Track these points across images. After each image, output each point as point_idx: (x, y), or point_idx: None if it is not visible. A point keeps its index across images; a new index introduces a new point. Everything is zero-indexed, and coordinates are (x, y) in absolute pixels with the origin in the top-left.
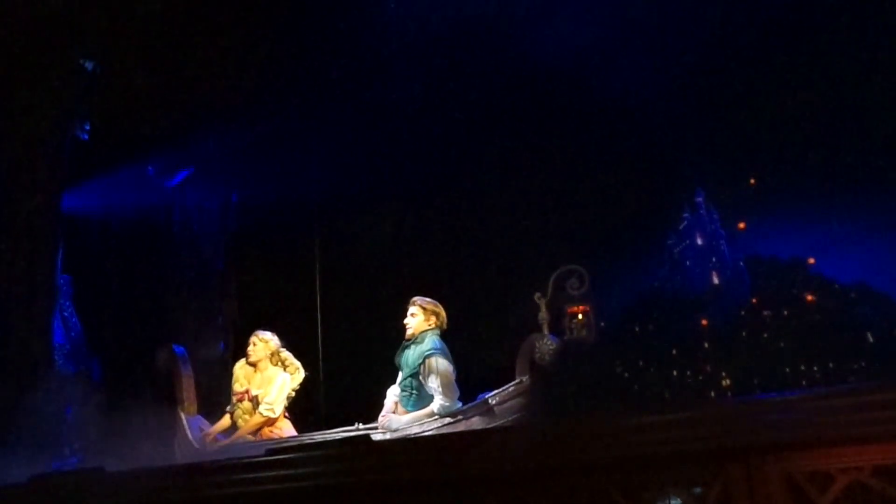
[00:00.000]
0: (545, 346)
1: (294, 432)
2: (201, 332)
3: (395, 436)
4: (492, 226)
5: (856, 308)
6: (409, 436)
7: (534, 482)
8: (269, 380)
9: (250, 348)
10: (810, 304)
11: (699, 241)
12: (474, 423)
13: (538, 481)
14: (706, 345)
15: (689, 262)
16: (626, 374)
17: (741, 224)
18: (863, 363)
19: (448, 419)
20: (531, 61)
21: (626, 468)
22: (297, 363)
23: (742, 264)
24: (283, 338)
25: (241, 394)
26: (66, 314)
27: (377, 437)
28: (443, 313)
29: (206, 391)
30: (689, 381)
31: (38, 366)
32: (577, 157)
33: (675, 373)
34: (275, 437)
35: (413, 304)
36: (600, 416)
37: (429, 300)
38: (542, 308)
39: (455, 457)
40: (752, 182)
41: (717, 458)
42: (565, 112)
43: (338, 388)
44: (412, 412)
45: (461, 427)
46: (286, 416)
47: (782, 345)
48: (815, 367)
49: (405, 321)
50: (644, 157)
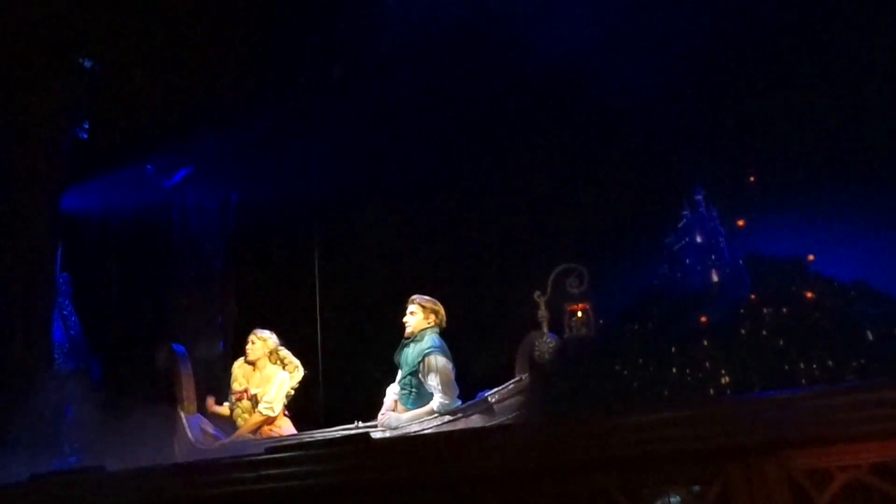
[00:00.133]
0: (544, 344)
1: (294, 431)
2: (201, 330)
3: (395, 434)
4: (491, 224)
5: (855, 306)
6: (409, 434)
7: (533, 480)
8: (268, 378)
9: (249, 347)
10: (810, 303)
11: (698, 239)
12: (474, 421)
13: (537, 479)
14: (705, 343)
15: (688, 261)
16: (626, 373)
17: (740, 222)
18: (862, 361)
19: (447, 417)
20: (530, 60)
21: (626, 466)
22: (296, 361)
23: (741, 262)
24: (282, 336)
25: (240, 392)
26: (66, 313)
27: (377, 435)
28: (442, 311)
29: (206, 390)
30: (689, 379)
31: (37, 364)
32: (576, 156)
33: (675, 371)
34: (274, 435)
35: (412, 303)
36: (600, 415)
37: (428, 298)
38: (542, 306)
39: (454, 455)
40: (751, 180)
41: (716, 457)
42: (564, 111)
43: (337, 387)
44: (412, 410)
45: (461, 425)
46: (286, 415)
47: (781, 343)
48: (815, 365)
49: (404, 319)
50: (643, 155)
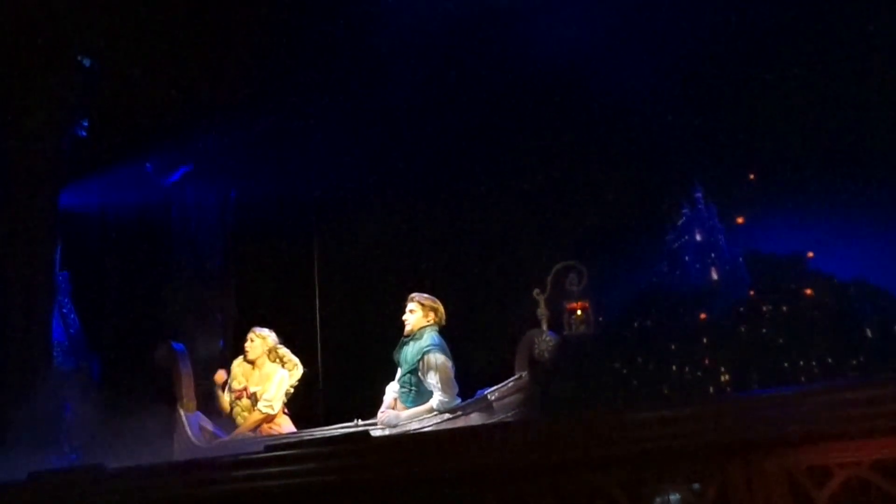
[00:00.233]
0: (544, 342)
1: (293, 429)
2: (200, 329)
3: (395, 432)
4: (491, 222)
5: (854, 304)
6: (409, 432)
7: (532, 478)
8: (267, 376)
9: (248, 345)
10: (809, 300)
11: (698, 237)
12: (473, 419)
13: (537, 477)
14: (705, 341)
15: (687, 258)
16: (625, 370)
17: (739, 219)
18: (861, 359)
19: (447, 415)
20: (530, 59)
21: (626, 464)
22: (296, 359)
23: (741, 260)
24: (281, 334)
25: (240, 391)
26: (65, 311)
27: (376, 433)
28: (441, 309)
29: (205, 388)
30: (688, 376)
31: (37, 363)
32: (575, 154)
33: (674, 369)
34: (274, 433)
35: (411, 301)
36: (599, 412)
37: (427, 296)
38: (541, 304)
39: (454, 453)
40: (750, 178)
41: (715, 454)
42: (564, 109)
43: (337, 385)
44: (411, 408)
45: (460, 423)
46: (285, 413)
47: (781, 340)
48: (814, 363)
49: (403, 317)
50: (642, 153)
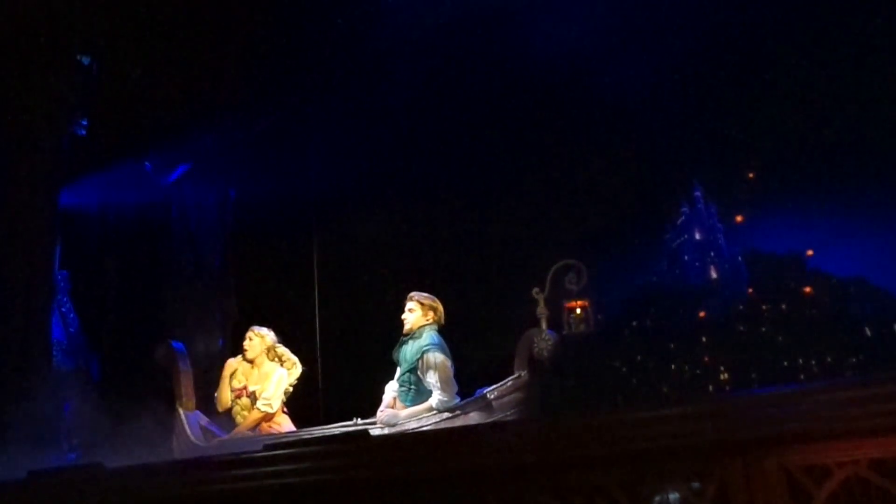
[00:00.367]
0: (543, 340)
1: (293, 428)
2: (199, 327)
3: (394, 431)
4: (490, 221)
5: (853, 303)
6: (408, 431)
7: (532, 477)
8: (266, 375)
9: (246, 343)
10: (808, 299)
11: (697, 236)
12: (472, 418)
13: (536, 476)
14: (704, 339)
15: (687, 257)
16: (625, 369)
17: (738, 217)
18: (860, 357)
19: (446, 414)
20: (529, 58)
21: (625, 463)
22: (294, 358)
23: (740, 259)
24: (280, 333)
25: (240, 389)
26: (65, 310)
27: (375, 432)
28: (440, 308)
29: (205, 387)
30: (687, 375)
31: (36, 362)
32: (575, 153)
33: (674, 367)
34: (273, 432)
35: (410, 300)
36: (598, 411)
37: (426, 295)
38: (541, 303)
39: (453, 452)
40: (750, 177)
41: (715, 453)
42: (563, 108)
43: (336, 384)
44: (410, 407)
45: (459, 422)
46: (284, 412)
47: (780, 339)
48: (813, 361)
49: (403, 316)
50: (642, 152)
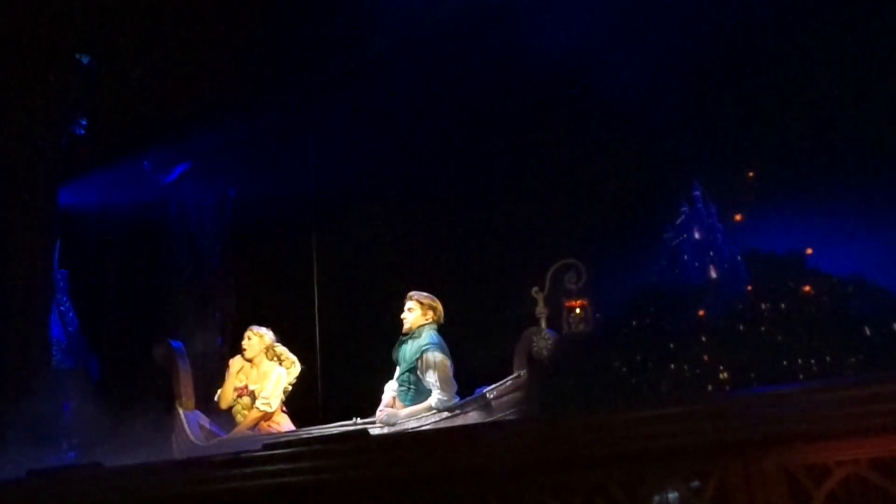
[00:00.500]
0: (543, 340)
1: (292, 427)
2: (199, 326)
3: (393, 430)
4: (489, 220)
5: (853, 301)
6: (407, 430)
7: (531, 476)
8: (264, 375)
9: (245, 343)
10: (807, 298)
11: (696, 235)
12: (472, 417)
13: (535, 475)
14: (704, 339)
15: (686, 257)
16: (624, 369)
17: (738, 216)
18: (860, 357)
19: (446, 414)
20: (528, 55)
21: (624, 462)
22: (293, 357)
23: (739, 258)
24: (280, 333)
25: (241, 389)
26: (64, 309)
27: (375, 431)
28: (440, 308)
29: (204, 386)
30: (687, 374)
31: (35, 361)
32: (574, 151)
33: (673, 367)
34: (273, 431)
35: (410, 299)
36: (598, 411)
37: (426, 294)
38: (540, 302)
39: (452, 451)
40: (750, 175)
41: (714, 452)
42: (562, 106)
43: (336, 383)
44: (410, 407)
45: (459, 421)
46: (284, 411)
47: (780, 338)
48: (813, 361)
49: (402, 316)
50: (641, 150)
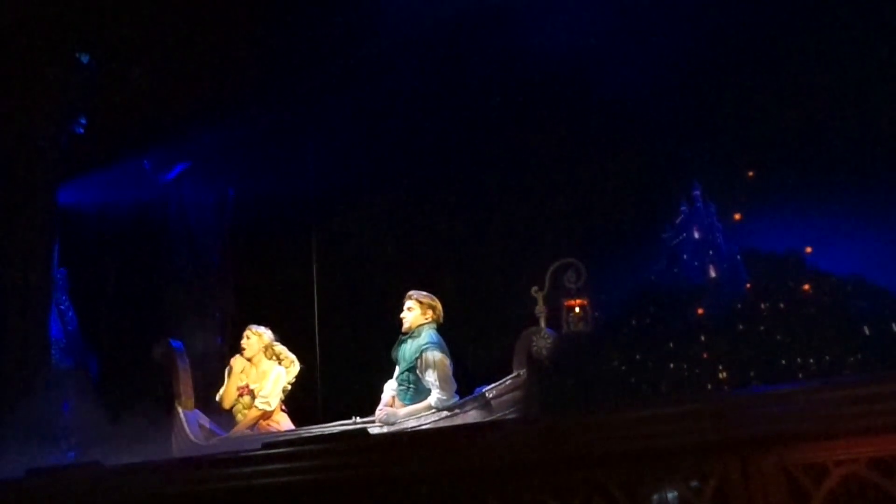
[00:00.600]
0: (542, 339)
1: (292, 426)
2: (198, 326)
3: (392, 430)
4: (489, 220)
5: (852, 301)
6: (407, 430)
7: (530, 476)
8: (264, 374)
9: (244, 342)
10: (807, 297)
11: (696, 235)
12: (471, 416)
13: (535, 475)
14: (703, 338)
15: (685, 256)
16: (624, 368)
17: (737, 215)
18: (859, 356)
19: (445, 413)
20: (528, 56)
21: (623, 461)
22: (292, 356)
23: (739, 257)
24: (280, 332)
25: (242, 388)
26: (63, 308)
27: (374, 430)
28: (439, 307)
29: (204, 385)
30: (686, 374)
31: (34, 360)
32: (574, 152)
33: (672, 366)
34: (272, 430)
35: (409, 298)
36: (597, 410)
37: (425, 294)
38: (540, 302)
39: (452, 451)
40: (749, 175)
41: (713, 451)
42: (563, 107)
43: (335, 383)
44: (409, 406)
45: (458, 421)
46: (283, 410)
47: (779, 338)
48: (812, 360)
49: (402, 315)
50: (641, 150)
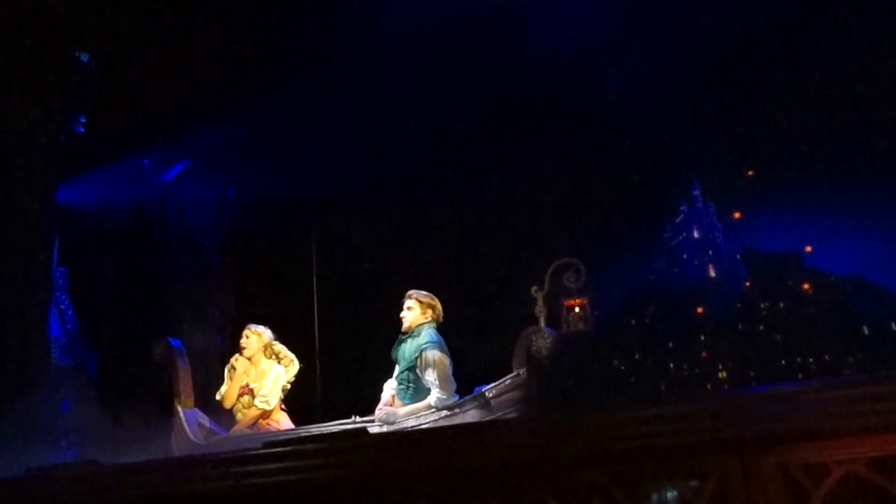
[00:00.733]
0: (542, 339)
1: (291, 425)
2: (198, 325)
3: (392, 429)
4: (489, 219)
5: (852, 301)
6: (406, 429)
7: (530, 475)
8: (263, 373)
9: (243, 341)
10: (806, 297)
11: (696, 234)
12: (471, 416)
13: (534, 474)
14: (702, 338)
15: (685, 256)
16: (623, 367)
17: (736, 214)
18: (858, 355)
19: (445, 412)
20: (528, 56)
21: (623, 461)
22: (291, 355)
23: (738, 256)
24: (280, 331)
25: (242, 388)
26: (63, 307)
27: (374, 430)
28: (439, 306)
29: (204, 384)
30: (686, 373)
31: (34, 359)
32: (574, 151)
33: (672, 365)
34: (272, 429)
35: (409, 298)
36: (597, 409)
37: (425, 293)
38: (539, 301)
39: (452, 450)
40: (749, 174)
41: (713, 451)
42: (563, 107)
43: (335, 382)
44: (409, 405)
45: (458, 420)
46: (283, 409)
47: (779, 337)
48: (811, 360)
49: (401, 314)
50: (641, 150)
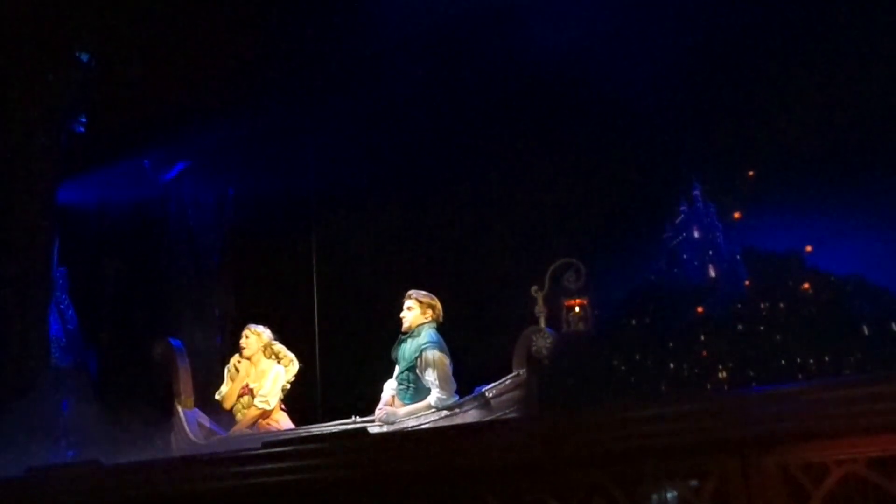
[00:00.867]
0: (542, 339)
1: (291, 425)
2: (198, 324)
3: (392, 429)
4: (489, 219)
5: (852, 301)
6: (406, 429)
7: (530, 475)
8: (262, 373)
9: (243, 341)
10: (806, 297)
11: (696, 235)
12: (471, 416)
13: (534, 474)
14: (702, 338)
15: (685, 256)
16: (623, 367)
17: (736, 214)
18: (859, 355)
19: (445, 412)
20: (528, 56)
21: (623, 461)
22: (291, 355)
23: (738, 256)
24: (279, 331)
25: (242, 388)
26: (63, 307)
27: (374, 430)
28: (439, 306)
29: (203, 384)
30: (686, 373)
31: (34, 359)
32: (574, 151)
33: (672, 365)
34: (272, 429)
35: (409, 298)
36: (597, 409)
37: (425, 293)
38: (539, 301)
39: (452, 450)
40: (749, 175)
41: (713, 451)
42: (563, 107)
43: (335, 382)
44: (409, 405)
45: (458, 420)
46: (282, 409)
47: (778, 337)
48: (811, 360)
49: (401, 314)
50: (641, 150)
